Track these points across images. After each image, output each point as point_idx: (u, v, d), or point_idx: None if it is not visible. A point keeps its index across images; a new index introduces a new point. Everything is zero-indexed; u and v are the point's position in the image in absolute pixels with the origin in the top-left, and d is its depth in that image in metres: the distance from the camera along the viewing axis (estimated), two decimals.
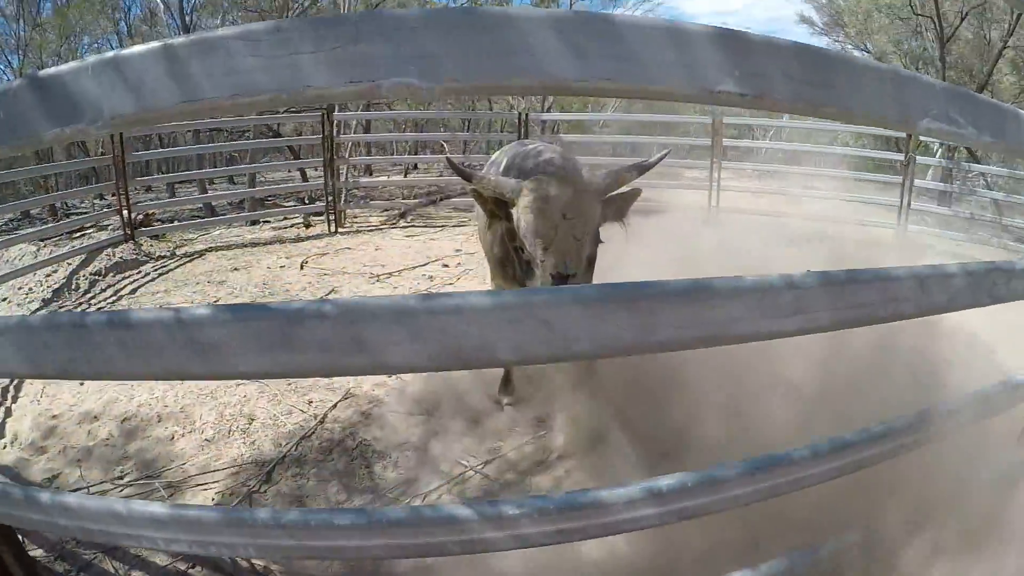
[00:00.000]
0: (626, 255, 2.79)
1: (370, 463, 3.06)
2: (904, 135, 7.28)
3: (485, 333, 1.09)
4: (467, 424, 3.27)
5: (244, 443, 3.16)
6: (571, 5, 16.84)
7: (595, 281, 2.37)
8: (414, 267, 6.14)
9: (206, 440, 3.19)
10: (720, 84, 1.04)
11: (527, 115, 8.48)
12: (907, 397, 2.00)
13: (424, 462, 3.04)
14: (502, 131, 13.87)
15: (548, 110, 14.21)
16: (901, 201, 7.11)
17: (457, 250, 6.82)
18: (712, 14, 45.21)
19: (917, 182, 7.46)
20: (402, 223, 8.15)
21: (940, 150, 10.68)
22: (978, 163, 9.09)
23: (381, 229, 7.84)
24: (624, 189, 2.28)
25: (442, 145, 15.09)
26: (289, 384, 3.66)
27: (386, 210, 8.73)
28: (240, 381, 3.57)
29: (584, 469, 2.86)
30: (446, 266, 6.23)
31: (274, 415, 3.41)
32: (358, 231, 7.70)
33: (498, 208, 2.27)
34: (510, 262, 2.48)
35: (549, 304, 1.11)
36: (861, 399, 2.23)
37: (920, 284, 1.36)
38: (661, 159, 2.38)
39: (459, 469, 2.96)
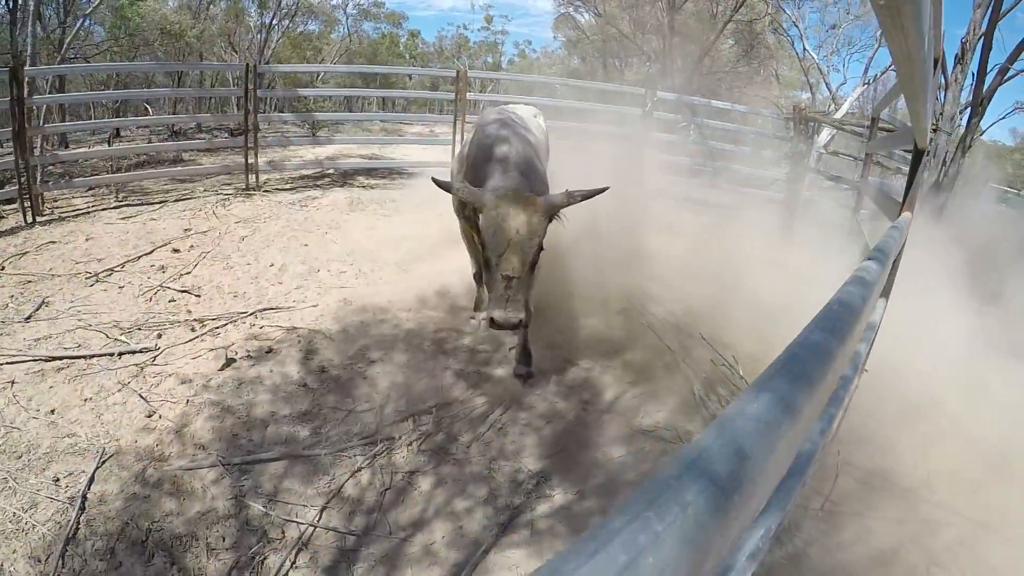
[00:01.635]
0: None
1: (176, 556, 2.43)
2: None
3: None
4: (287, 464, 2.98)
5: None
6: None
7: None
8: (139, 257, 5.42)
9: None
10: None
11: (255, 67, 7.72)
12: None
13: (253, 529, 2.60)
14: (213, 86, 12.63)
15: (267, 62, 13.28)
16: None
17: (186, 229, 6.18)
18: None
19: None
20: (114, 202, 7.05)
21: None
22: None
23: (90, 213, 6.62)
24: (568, 208, 2.94)
25: (145, 107, 13.47)
26: (18, 456, 2.93)
27: (91, 188, 7.42)
28: None
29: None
30: (177, 251, 5.64)
31: (13, 515, 2.58)
32: (62, 219, 6.39)
33: (472, 213, 3.01)
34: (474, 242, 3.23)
35: None
36: None
37: None
38: (602, 191, 2.98)
39: (298, 530, 2.60)
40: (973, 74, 6.69)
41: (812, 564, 2.41)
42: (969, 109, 7.19)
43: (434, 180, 3.02)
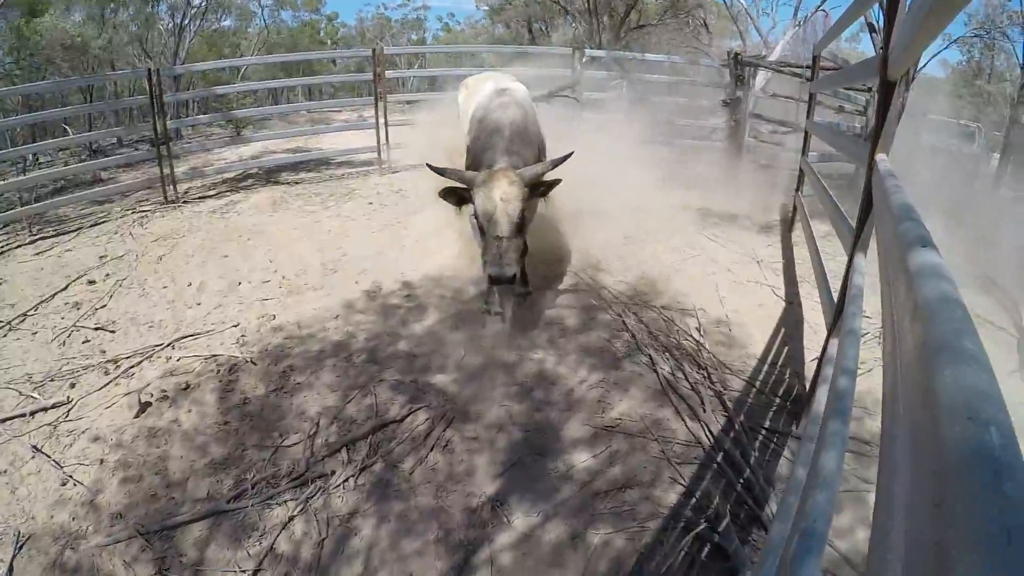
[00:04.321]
0: None
1: None
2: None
3: None
4: (212, 523, 2.63)
5: None
6: None
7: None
8: (52, 295, 4.87)
9: None
10: None
11: (158, 72, 7.03)
12: None
13: None
14: (132, 94, 11.75)
15: (183, 63, 12.43)
16: None
17: (102, 256, 5.58)
18: None
19: None
20: (28, 237, 6.34)
21: None
22: None
23: (3, 252, 5.98)
24: (548, 178, 3.52)
25: (64, 128, 12.48)
26: None
27: (6, 225, 6.70)
28: None
29: None
30: (92, 282, 5.08)
31: None
32: None
33: (464, 194, 3.44)
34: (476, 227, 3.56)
35: None
36: None
37: None
38: (568, 157, 3.54)
39: None
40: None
41: None
42: None
43: (429, 166, 3.55)
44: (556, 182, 3.53)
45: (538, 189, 3.50)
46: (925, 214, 1.44)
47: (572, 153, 3.56)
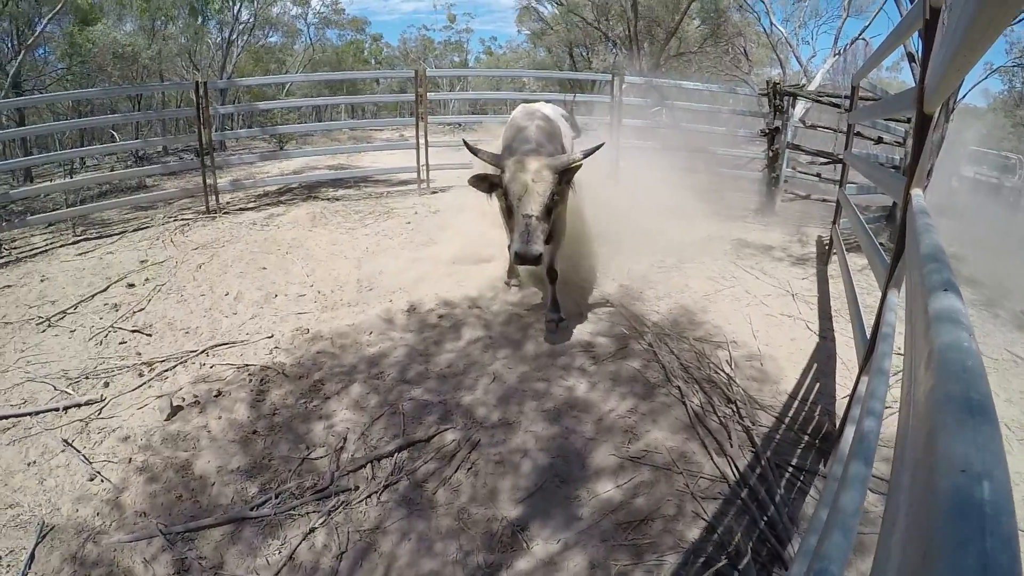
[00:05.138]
0: None
1: None
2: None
3: None
4: (234, 528, 2.66)
5: None
6: None
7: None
8: (92, 295, 5.07)
9: None
10: None
11: (205, 85, 7.33)
12: None
13: None
14: (179, 106, 12.17)
15: (230, 77, 12.85)
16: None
17: (143, 261, 5.77)
18: None
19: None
20: (72, 237, 6.66)
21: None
22: None
23: (47, 251, 6.30)
24: (576, 165, 3.67)
25: (112, 133, 13.03)
26: None
27: (51, 224, 7.07)
28: None
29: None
30: (132, 286, 5.25)
31: None
32: (19, 260, 6.08)
33: (495, 179, 3.65)
34: (505, 213, 3.82)
35: None
36: None
37: None
38: (599, 148, 3.80)
39: None
40: None
41: None
42: None
43: (464, 142, 3.97)
44: (579, 166, 3.71)
45: (566, 176, 3.66)
46: (962, 251, 1.44)
47: (603, 144, 3.83)
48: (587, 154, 3.69)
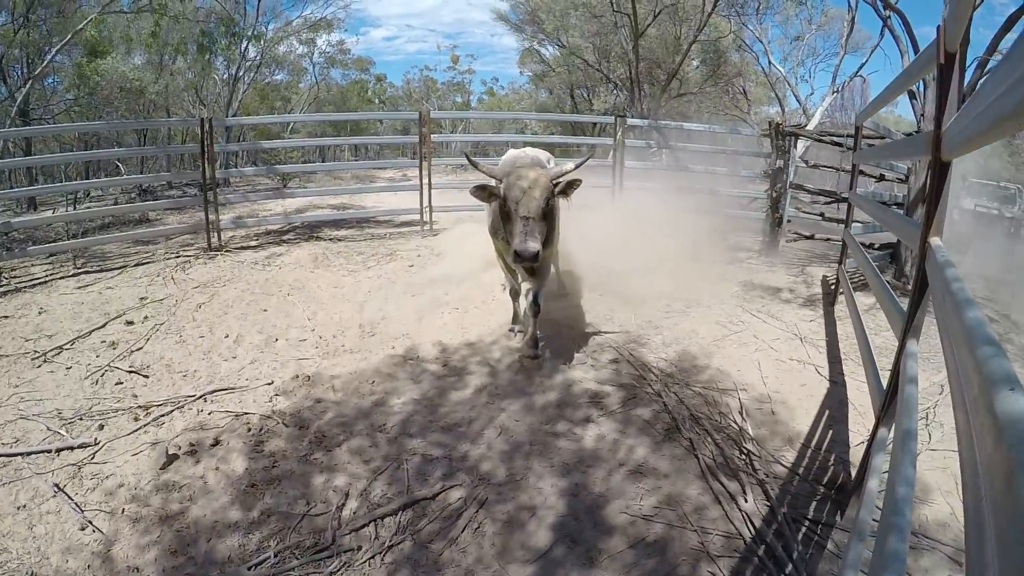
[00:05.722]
0: None
1: None
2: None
3: None
4: None
5: None
6: None
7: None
8: (90, 331, 5.00)
9: None
10: None
11: (211, 122, 7.38)
12: None
13: None
14: (184, 141, 12.28)
15: (235, 114, 12.98)
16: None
17: (142, 298, 5.70)
18: (399, 16, 45.86)
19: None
20: (73, 269, 6.61)
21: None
22: None
23: (47, 282, 6.24)
24: (568, 177, 3.98)
25: (117, 165, 13.12)
26: None
27: (52, 255, 7.02)
28: None
29: None
30: (130, 323, 5.18)
31: None
32: (18, 290, 6.00)
33: (494, 189, 3.92)
34: (499, 226, 4.06)
35: None
36: None
37: None
38: (589, 158, 4.65)
39: None
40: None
41: None
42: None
43: (465, 155, 4.38)
44: (577, 182, 3.99)
45: (559, 187, 3.92)
46: (970, 286, 1.37)
47: (592, 155, 4.31)
48: (578, 165, 4.13)
